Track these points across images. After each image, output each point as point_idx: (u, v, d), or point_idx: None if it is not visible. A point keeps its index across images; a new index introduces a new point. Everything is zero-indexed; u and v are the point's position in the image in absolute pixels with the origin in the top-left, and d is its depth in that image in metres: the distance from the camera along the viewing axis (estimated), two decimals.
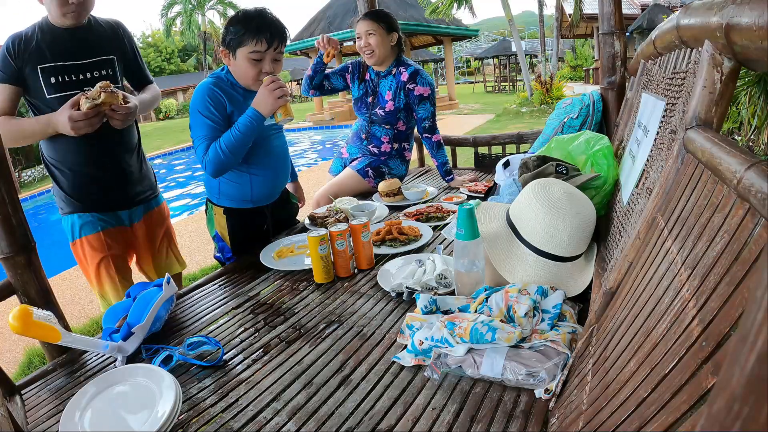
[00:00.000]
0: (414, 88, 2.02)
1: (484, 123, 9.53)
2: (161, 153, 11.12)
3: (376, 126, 2.13)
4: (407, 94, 2.04)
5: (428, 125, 2.10)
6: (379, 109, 2.08)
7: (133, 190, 1.55)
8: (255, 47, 1.36)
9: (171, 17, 22.94)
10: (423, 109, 2.07)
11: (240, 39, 1.36)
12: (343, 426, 0.74)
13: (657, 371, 0.47)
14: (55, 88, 1.36)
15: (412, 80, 2.02)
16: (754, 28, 0.48)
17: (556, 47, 14.00)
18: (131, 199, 1.55)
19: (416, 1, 12.77)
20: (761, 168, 0.45)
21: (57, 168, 1.43)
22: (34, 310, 0.93)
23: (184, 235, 4.17)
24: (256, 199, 1.59)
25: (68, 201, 1.46)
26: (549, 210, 1.01)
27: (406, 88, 2.03)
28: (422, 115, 2.08)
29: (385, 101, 2.06)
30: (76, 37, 1.39)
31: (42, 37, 1.35)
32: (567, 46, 23.32)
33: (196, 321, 1.16)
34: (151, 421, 0.77)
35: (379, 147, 2.15)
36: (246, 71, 1.40)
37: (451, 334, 0.84)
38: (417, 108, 2.07)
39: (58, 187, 1.46)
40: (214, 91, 1.41)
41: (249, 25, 1.35)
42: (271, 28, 1.36)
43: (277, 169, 1.62)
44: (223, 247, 1.60)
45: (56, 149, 1.41)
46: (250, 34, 1.35)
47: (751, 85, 1.62)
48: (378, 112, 2.08)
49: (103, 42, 1.46)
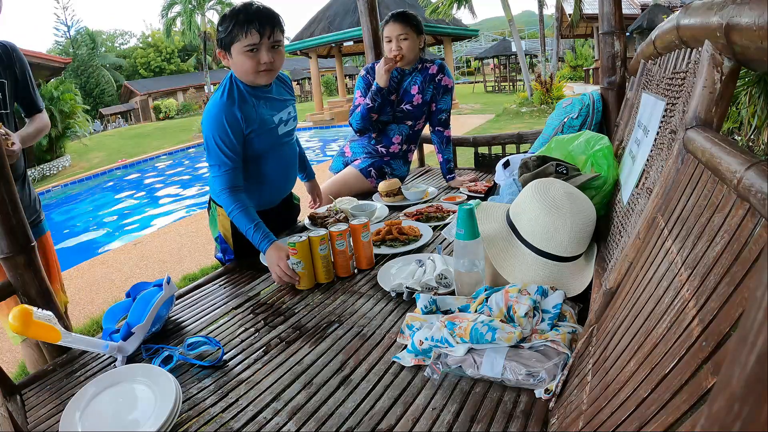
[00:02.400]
0: (442, 78, 2.09)
1: (484, 123, 9.54)
2: (161, 153, 11.12)
3: (394, 125, 2.13)
4: (436, 85, 2.09)
5: (445, 118, 2.15)
6: (405, 105, 2.10)
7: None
8: (247, 40, 1.32)
9: (171, 17, 22.94)
10: (445, 101, 2.13)
11: (231, 36, 1.34)
12: (343, 426, 0.74)
13: (657, 371, 0.47)
14: None
15: (441, 72, 2.09)
16: (754, 28, 0.48)
17: (556, 47, 14.01)
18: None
19: (416, 1, 12.78)
20: (761, 168, 0.45)
21: None
22: (34, 310, 0.93)
23: (184, 235, 4.17)
24: (263, 203, 1.58)
25: None
26: (549, 210, 1.01)
27: (435, 80, 2.08)
28: (443, 106, 2.13)
29: (412, 96, 2.08)
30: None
31: None
32: (567, 46, 23.32)
33: (196, 321, 1.16)
34: (151, 421, 0.77)
35: (388, 147, 2.15)
36: (244, 66, 1.36)
37: (451, 334, 0.84)
38: (440, 99, 2.11)
39: None
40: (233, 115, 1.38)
41: (236, 19, 1.32)
42: (260, 18, 1.32)
43: (287, 176, 1.63)
44: (225, 248, 1.59)
45: None
46: (239, 27, 1.31)
47: (751, 85, 1.62)
48: (404, 108, 2.10)
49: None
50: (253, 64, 1.35)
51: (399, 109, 2.11)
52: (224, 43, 1.36)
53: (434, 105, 2.13)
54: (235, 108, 1.38)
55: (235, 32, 1.32)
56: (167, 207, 6.45)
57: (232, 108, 1.38)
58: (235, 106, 1.38)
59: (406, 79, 2.08)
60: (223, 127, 1.36)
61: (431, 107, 2.14)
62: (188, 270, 3.23)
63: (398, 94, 2.10)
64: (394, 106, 2.11)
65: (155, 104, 26.14)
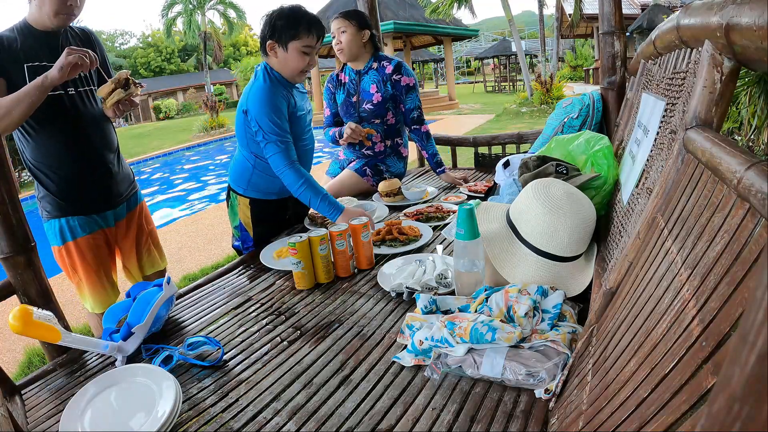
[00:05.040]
0: (400, 78, 2.05)
1: (484, 123, 9.53)
2: (161, 153, 11.11)
3: (366, 124, 2.13)
4: (393, 85, 2.07)
5: (416, 115, 2.13)
6: (366, 105, 2.09)
7: (117, 190, 1.56)
8: (308, 41, 1.47)
9: (171, 17, 22.92)
10: (410, 99, 2.10)
11: (293, 33, 1.45)
12: (343, 426, 0.74)
13: (657, 371, 0.47)
14: None
15: (398, 71, 2.05)
16: (754, 28, 0.48)
17: (556, 47, 14.00)
18: (115, 199, 1.57)
19: (416, 1, 12.77)
20: (761, 168, 0.45)
21: (42, 171, 1.43)
22: (34, 310, 0.93)
23: (184, 234, 4.17)
24: (284, 191, 1.63)
25: (55, 204, 1.45)
26: (549, 210, 1.01)
27: (392, 79, 2.06)
28: (410, 105, 2.11)
29: (371, 95, 2.07)
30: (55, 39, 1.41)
31: (23, 38, 1.37)
32: (567, 46, 23.31)
33: (196, 321, 1.16)
34: (151, 421, 0.77)
35: (372, 148, 2.15)
36: (296, 63, 1.49)
37: (451, 334, 0.83)
38: (405, 98, 2.09)
39: (45, 191, 1.45)
40: (280, 96, 1.50)
41: (301, 20, 1.45)
42: (319, 25, 1.49)
43: (307, 165, 1.71)
44: (245, 236, 1.66)
45: (41, 152, 1.41)
46: (304, 28, 1.45)
47: (751, 85, 1.62)
48: (366, 108, 2.09)
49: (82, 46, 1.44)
50: (304, 63, 1.50)
51: (362, 109, 2.11)
52: (283, 37, 1.46)
53: (402, 106, 2.12)
54: (280, 89, 1.51)
55: (301, 31, 1.45)
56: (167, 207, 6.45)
57: (278, 89, 1.51)
58: (280, 88, 1.52)
59: (363, 78, 2.09)
60: (274, 105, 1.48)
61: (398, 106, 2.13)
62: (188, 270, 3.23)
63: (358, 94, 2.10)
64: (357, 106, 2.11)
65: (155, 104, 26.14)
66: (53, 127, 1.39)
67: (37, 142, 1.40)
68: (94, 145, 1.47)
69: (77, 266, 1.51)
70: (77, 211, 1.48)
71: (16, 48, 1.35)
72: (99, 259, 1.53)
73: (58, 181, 1.43)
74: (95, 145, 1.47)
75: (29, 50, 1.36)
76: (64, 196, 1.45)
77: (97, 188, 1.50)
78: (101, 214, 1.54)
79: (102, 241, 1.55)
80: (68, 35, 1.46)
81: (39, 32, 1.39)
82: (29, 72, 1.35)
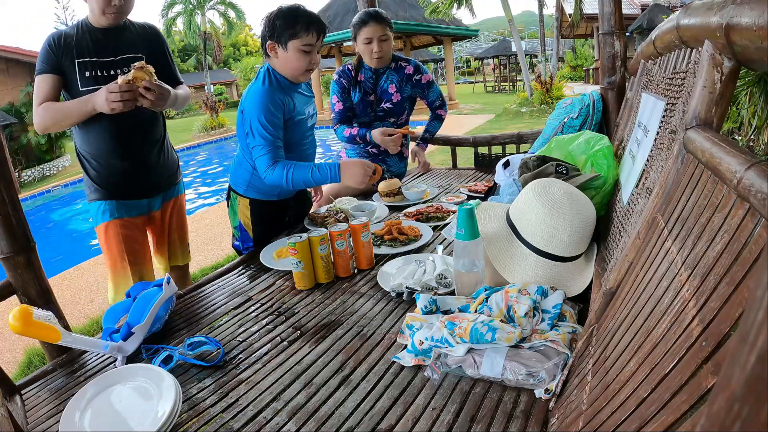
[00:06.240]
0: (421, 77, 2.17)
1: (484, 123, 9.54)
2: None
3: (378, 123, 2.15)
4: (414, 84, 2.16)
5: (439, 103, 2.31)
6: (386, 104, 2.13)
7: (152, 180, 1.64)
8: (307, 39, 1.45)
9: (171, 17, 22.91)
10: (433, 91, 2.25)
11: (293, 32, 1.44)
12: (343, 426, 0.74)
13: (657, 371, 0.47)
14: (87, 81, 1.48)
15: (418, 72, 2.16)
16: (754, 28, 0.48)
17: (556, 47, 14.01)
18: (150, 189, 1.65)
19: (416, 1, 12.75)
20: (761, 168, 0.45)
21: (85, 158, 1.56)
22: (34, 310, 0.93)
23: None
24: (282, 193, 1.66)
25: (94, 188, 1.58)
26: (549, 210, 1.01)
27: (413, 80, 2.15)
28: (433, 97, 2.27)
29: (390, 94, 2.11)
30: (111, 36, 1.51)
31: (81, 35, 1.47)
32: (567, 46, 23.32)
33: (196, 321, 1.16)
34: (151, 421, 0.77)
35: (378, 146, 2.16)
36: (297, 63, 1.48)
37: (451, 334, 0.83)
38: (429, 92, 2.23)
39: (87, 176, 1.58)
40: (276, 99, 1.48)
41: (300, 19, 1.44)
42: (319, 23, 1.47)
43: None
44: (245, 237, 1.66)
45: (87, 141, 1.53)
46: (303, 27, 1.44)
47: (751, 85, 1.62)
48: (385, 107, 2.13)
49: (136, 42, 1.58)
50: (305, 62, 1.48)
51: (380, 108, 2.14)
52: (282, 37, 1.45)
53: (425, 100, 2.27)
54: (277, 93, 1.49)
55: (299, 30, 1.44)
56: None
57: (275, 93, 1.49)
58: (277, 92, 1.49)
59: (381, 77, 2.11)
60: (268, 108, 1.46)
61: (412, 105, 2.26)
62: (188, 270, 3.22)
63: (376, 94, 2.12)
64: (374, 106, 2.14)
65: None
66: (98, 124, 1.48)
67: (82, 132, 1.52)
68: (132, 138, 1.55)
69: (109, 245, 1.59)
70: (111, 196, 1.58)
71: (71, 44, 1.45)
72: (127, 245, 1.59)
73: (96, 168, 1.56)
74: (133, 138, 1.56)
75: (82, 47, 1.46)
76: (100, 181, 1.57)
77: (131, 179, 1.58)
78: (135, 202, 1.62)
79: (134, 228, 1.63)
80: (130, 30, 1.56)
81: (95, 29, 1.49)
82: (79, 68, 1.45)
